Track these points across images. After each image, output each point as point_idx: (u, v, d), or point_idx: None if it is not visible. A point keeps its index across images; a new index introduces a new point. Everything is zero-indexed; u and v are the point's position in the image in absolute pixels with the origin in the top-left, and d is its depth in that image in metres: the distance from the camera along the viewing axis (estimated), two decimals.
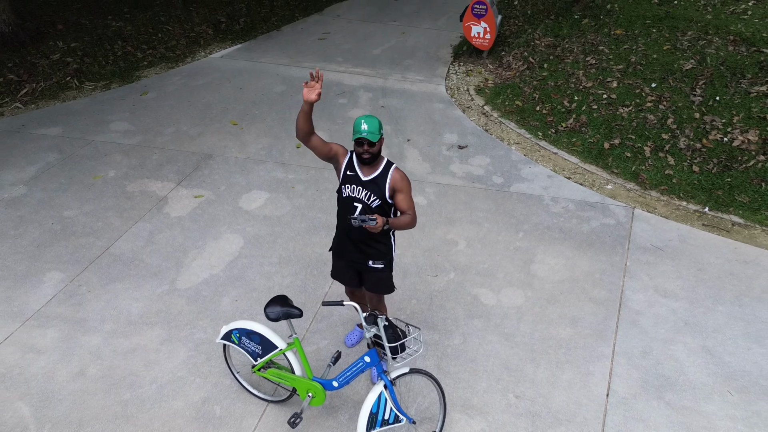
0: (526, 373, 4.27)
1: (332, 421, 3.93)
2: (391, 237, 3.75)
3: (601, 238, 5.68)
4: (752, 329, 4.65)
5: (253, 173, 6.78)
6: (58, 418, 3.98)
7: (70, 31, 10.90)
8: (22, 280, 5.19)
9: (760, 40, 8.89)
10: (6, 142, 7.47)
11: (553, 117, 8.00)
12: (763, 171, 6.54)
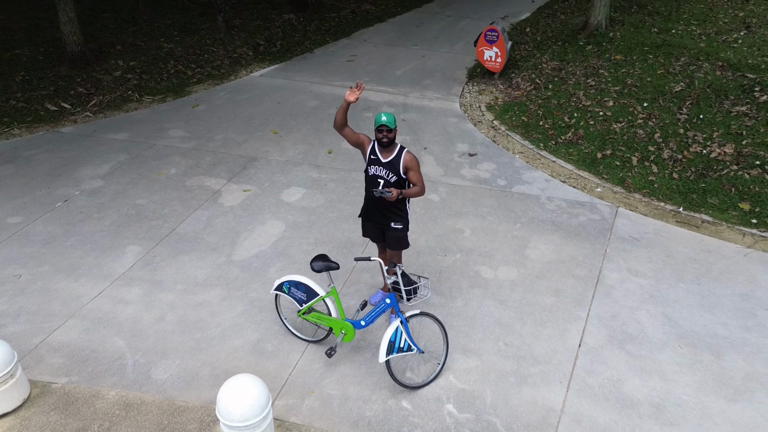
0: (515, 329, 5.34)
1: (359, 357, 5.05)
2: (407, 204, 4.90)
3: (586, 230, 6.75)
4: (706, 302, 5.66)
5: (292, 173, 8.01)
6: (147, 349, 5.17)
7: (128, 52, 12.41)
8: (108, 251, 6.44)
9: (745, 66, 9.96)
10: (82, 144, 8.84)
11: (554, 131, 9.12)
12: (734, 179, 7.56)
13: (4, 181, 7.83)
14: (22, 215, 7.08)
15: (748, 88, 9.29)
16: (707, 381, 4.80)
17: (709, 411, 4.54)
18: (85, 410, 4.56)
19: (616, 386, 4.75)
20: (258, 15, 14.92)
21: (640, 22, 12.78)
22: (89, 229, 6.82)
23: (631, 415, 4.51)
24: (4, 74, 11.11)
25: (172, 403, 4.62)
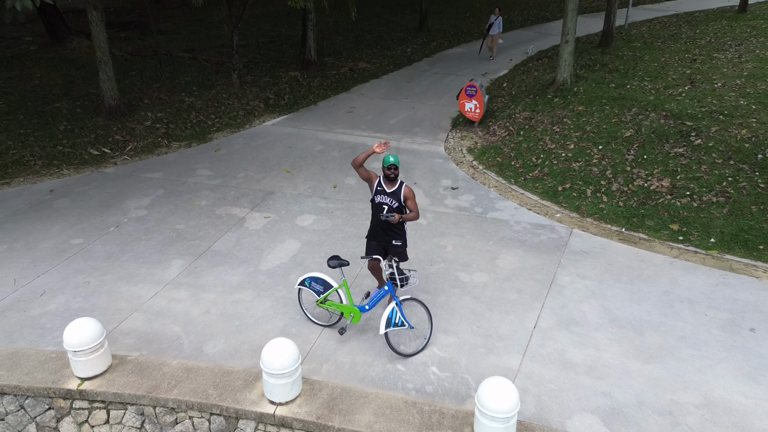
0: (485, 316, 6.90)
1: (364, 335, 6.57)
2: (405, 226, 6.52)
3: (546, 246, 8.40)
4: (635, 296, 7.26)
5: (304, 203, 9.68)
6: (197, 332, 6.67)
7: (154, 105, 14.29)
8: (157, 264, 8.00)
9: (685, 115, 11.91)
10: (124, 182, 10.52)
11: (524, 169, 10.91)
12: (668, 206, 9.30)
13: (63, 212, 9.45)
14: (83, 237, 8.67)
15: (685, 133, 11.19)
16: (629, 350, 6.35)
17: (629, 369, 6.07)
18: (156, 373, 6.04)
19: (560, 354, 6.29)
20: (267, 72, 16.98)
21: (601, 78, 14.89)
22: (140, 248, 8.40)
23: (569, 372, 6.03)
24: (48, 124, 12.90)
25: (221, 368, 6.11)
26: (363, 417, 5.49)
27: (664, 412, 5.56)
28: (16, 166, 11.17)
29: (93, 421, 6.01)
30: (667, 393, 5.77)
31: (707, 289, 7.36)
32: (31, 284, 7.60)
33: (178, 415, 5.86)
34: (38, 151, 11.69)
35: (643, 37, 19.37)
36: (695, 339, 6.51)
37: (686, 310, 7.00)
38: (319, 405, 5.63)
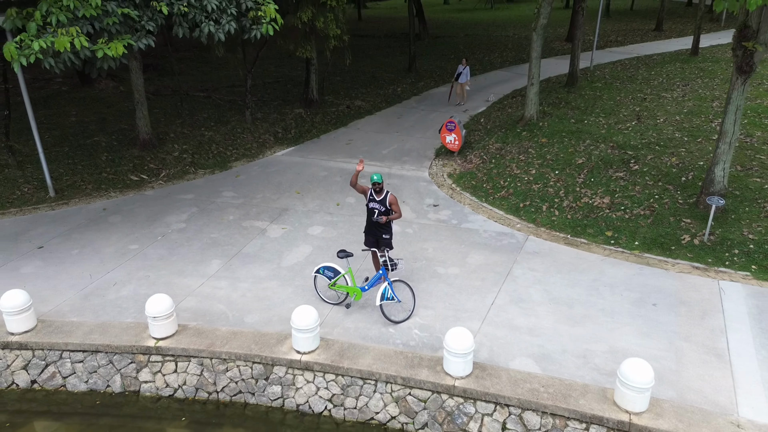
0: (455, 297, 9.17)
1: (364, 310, 8.82)
2: (391, 225, 8.86)
3: (506, 248, 10.73)
4: (571, 283, 9.56)
5: (313, 218, 12.00)
6: (238, 309, 8.89)
7: (179, 138, 16.69)
8: (200, 263, 10.25)
9: (628, 146, 14.44)
10: (163, 201, 12.82)
11: (493, 190, 13.32)
12: (606, 218, 11.68)
13: (117, 225, 11.71)
14: (137, 244, 10.93)
15: (626, 161, 13.69)
16: (561, 319, 8.62)
17: (558, 331, 8.33)
18: (211, 335, 8.25)
19: (509, 321, 8.56)
20: (275, 110, 19.50)
21: (564, 114, 17.50)
22: (184, 251, 10.66)
23: (515, 333, 8.29)
24: (91, 155, 15.25)
25: (259, 332, 8.33)
26: (364, 361, 7.71)
27: (580, 355, 7.82)
28: (70, 189, 13.46)
29: (165, 371, 8.17)
30: (584, 344, 8.04)
31: (626, 278, 9.69)
32: (104, 278, 9.83)
33: (228, 365, 8.05)
34: (87, 177, 14.01)
35: (605, 78, 22.15)
36: (611, 311, 8.81)
37: (607, 291, 9.31)
38: (332, 354, 7.85)
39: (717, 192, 11.15)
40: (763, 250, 10.17)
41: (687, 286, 9.42)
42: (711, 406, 6.94)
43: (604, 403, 6.96)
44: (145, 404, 8.13)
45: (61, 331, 8.42)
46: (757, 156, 13.56)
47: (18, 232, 11.51)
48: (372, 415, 7.67)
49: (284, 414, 7.89)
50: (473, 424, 7.30)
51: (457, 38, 33.54)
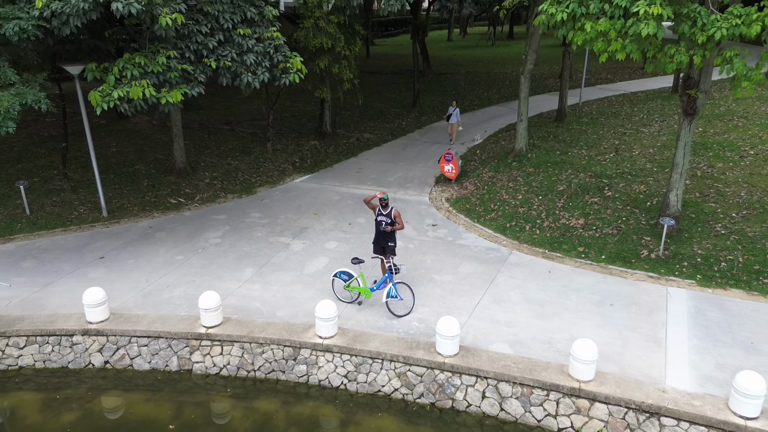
0: (448, 298, 11.20)
1: (373, 307, 10.86)
2: (395, 235, 10.96)
3: (493, 260, 12.77)
4: (544, 288, 11.56)
5: (329, 234, 14.12)
6: (270, 305, 10.96)
7: (208, 167, 18.97)
8: (236, 271, 12.35)
9: (604, 175, 16.57)
10: (199, 221, 15.00)
11: (484, 213, 15.42)
12: (579, 236, 13.73)
13: (163, 240, 13.88)
14: (182, 255, 13.07)
15: (601, 188, 15.80)
16: (533, 315, 10.62)
17: (530, 323, 10.33)
18: (249, 325, 10.30)
19: (491, 317, 10.56)
20: (292, 141, 21.82)
21: (551, 147, 19.70)
22: (222, 261, 12.78)
23: (495, 325, 10.29)
24: (134, 181, 17.52)
25: (288, 323, 10.37)
26: (373, 344, 9.72)
27: (546, 342, 9.80)
28: (119, 211, 15.68)
29: (213, 353, 10.21)
30: (550, 334, 10.02)
31: (591, 284, 11.70)
32: (157, 282, 11.94)
33: (264, 348, 10.07)
34: (132, 200, 16.24)
35: (591, 113, 24.43)
36: (575, 309, 10.80)
37: (574, 295, 11.31)
38: (347, 339, 9.87)
39: (671, 214, 13.21)
40: (707, 263, 12.17)
41: (640, 290, 11.42)
42: (644, 378, 8.89)
43: (561, 374, 8.92)
44: (196, 380, 10.14)
45: (129, 321, 10.50)
46: (715, 184, 15.64)
47: (81, 245, 13.69)
48: (379, 388, 9.64)
49: (308, 388, 9.88)
50: (459, 394, 9.26)
51: (458, 75, 36.12)
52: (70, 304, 11.12)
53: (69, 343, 10.42)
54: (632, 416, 8.47)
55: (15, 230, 14.50)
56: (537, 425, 8.91)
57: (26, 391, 10.01)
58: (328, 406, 9.50)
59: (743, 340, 9.76)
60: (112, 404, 9.71)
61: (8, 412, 9.56)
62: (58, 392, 9.92)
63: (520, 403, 8.99)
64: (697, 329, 10.12)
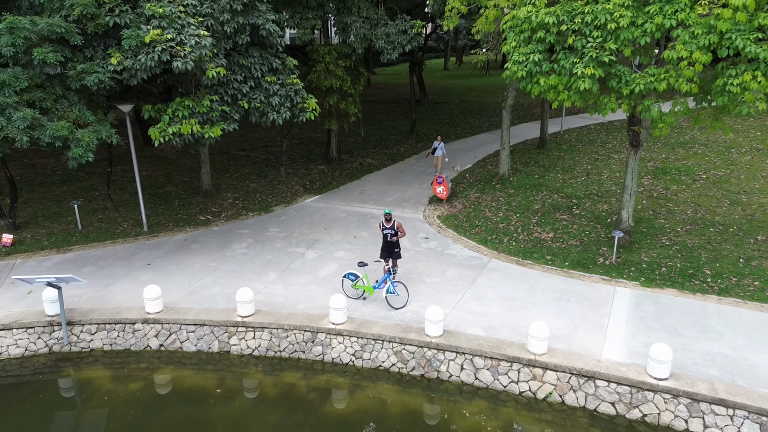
0: (436, 295, 13.84)
1: (375, 302, 13.50)
2: (399, 242, 13.65)
3: (474, 266, 15.44)
4: (515, 288, 14.22)
5: (337, 245, 16.81)
6: (292, 300, 13.61)
7: (229, 189, 21.74)
8: (261, 275, 15.02)
9: (574, 196, 19.32)
10: (227, 235, 17.70)
11: (470, 228, 18.13)
12: (549, 247, 16.41)
13: (197, 250, 16.56)
14: (215, 262, 15.74)
15: (570, 207, 18.53)
16: (505, 308, 13.25)
17: (502, 314, 12.96)
18: (275, 315, 12.93)
19: (470, 309, 13.19)
20: (302, 166, 24.63)
21: (531, 171, 22.49)
22: (249, 267, 15.45)
23: (473, 315, 12.92)
24: (167, 201, 20.26)
25: (307, 313, 13.01)
26: (375, 329, 12.34)
27: (512, 327, 12.42)
28: (157, 226, 18.39)
29: (247, 338, 12.81)
30: (516, 321, 12.65)
31: (554, 285, 14.34)
32: (197, 283, 14.59)
33: (288, 333, 12.68)
34: (167, 217, 18.96)
35: (570, 141, 27.30)
36: (538, 303, 13.43)
37: (539, 293, 13.95)
38: (355, 325, 12.50)
39: (623, 229, 15.91)
40: (651, 268, 14.84)
41: (593, 290, 14.06)
42: (586, 352, 11.50)
43: (522, 350, 11.53)
44: (233, 360, 12.73)
45: (179, 312, 13.13)
46: (667, 204, 18.39)
47: (129, 254, 16.37)
48: (380, 364, 12.23)
49: (323, 365, 12.46)
50: (443, 366, 11.85)
51: (452, 104, 39.17)
52: (129, 300, 13.76)
53: (131, 330, 13.04)
54: (575, 380, 11.06)
55: (71, 242, 17.19)
56: (503, 390, 11.49)
57: (97, 368, 12.60)
58: (340, 378, 12.08)
59: (668, 326, 12.39)
60: (167, 377, 12.29)
61: (85, 383, 12.13)
62: (123, 368, 12.51)
63: (490, 373, 11.57)
64: (634, 318, 12.74)
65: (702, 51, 10.58)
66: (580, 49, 11.60)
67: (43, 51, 12.36)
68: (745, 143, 24.38)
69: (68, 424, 10.98)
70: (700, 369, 10.95)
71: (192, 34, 12.69)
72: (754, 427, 9.94)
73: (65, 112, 13.02)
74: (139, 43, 12.52)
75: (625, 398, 10.72)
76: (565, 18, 11.50)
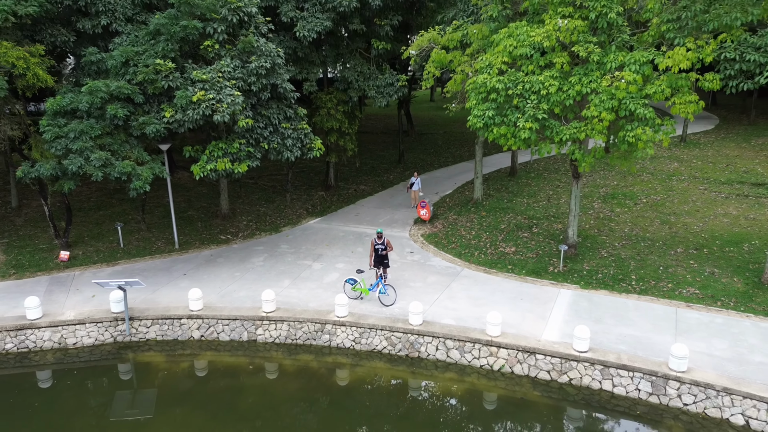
0: (418, 296, 17.65)
1: (370, 302, 17.30)
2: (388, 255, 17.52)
3: (450, 274, 19.29)
4: (481, 290, 18.06)
5: (338, 259, 20.63)
6: (303, 301, 17.37)
7: (243, 213, 25.56)
8: (276, 282, 18.79)
9: (534, 217, 23.34)
10: (245, 251, 21.47)
11: (447, 244, 22.02)
12: (512, 259, 20.34)
13: (223, 264, 20.31)
14: (239, 273, 19.49)
15: (531, 226, 22.52)
16: (472, 304, 17.08)
17: (469, 310, 16.78)
18: (292, 311, 16.67)
19: (444, 306, 17.01)
20: (304, 192, 28.53)
21: (502, 197, 26.54)
22: (267, 276, 19.21)
23: (446, 310, 16.73)
24: (190, 223, 24.02)
25: (317, 309, 16.78)
26: (370, 321, 16.13)
27: (476, 318, 16.24)
28: (185, 244, 22.12)
29: (269, 329, 16.51)
30: (479, 314, 16.46)
31: (511, 288, 18.20)
32: (226, 288, 18.32)
33: (302, 325, 16.41)
34: (193, 237, 22.71)
35: (538, 170, 31.46)
36: (498, 302, 17.27)
37: (499, 294, 17.80)
38: (355, 318, 16.27)
39: (569, 243, 19.87)
40: (590, 275, 18.75)
41: (542, 291, 17.94)
42: (530, 335, 15.32)
43: (482, 334, 15.34)
44: (259, 346, 16.39)
45: (215, 310, 16.83)
46: (610, 223, 22.44)
47: (167, 267, 20.07)
48: (375, 347, 15.95)
49: (330, 349, 16.16)
50: (423, 348, 15.61)
51: (437, 135, 43.43)
52: (174, 301, 17.44)
53: (178, 324, 16.69)
54: (521, 355, 14.87)
55: (116, 258, 20.86)
56: (468, 364, 15.25)
57: (153, 353, 16.21)
58: (343, 358, 15.78)
59: (596, 317, 16.26)
60: (208, 359, 15.92)
61: (144, 365, 15.74)
62: (173, 353, 16.13)
63: (458, 352, 15.34)
64: (570, 312, 16.61)
65: (607, 111, 14.69)
66: (522, 108, 15.67)
67: (114, 107, 16.25)
68: (686, 172, 28.66)
69: (130, 396, 14.59)
70: (613, 345, 14.80)
71: (228, 93, 16.64)
72: (648, 384, 13.77)
73: (128, 153, 16.86)
74: (188, 101, 16.44)
75: (557, 367, 14.53)
76: (510, 85, 15.59)
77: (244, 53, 17.39)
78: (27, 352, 16.15)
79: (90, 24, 18.31)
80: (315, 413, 13.68)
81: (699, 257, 19.34)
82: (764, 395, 12.65)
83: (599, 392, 14.08)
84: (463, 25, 19.27)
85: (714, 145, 34.25)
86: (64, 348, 16.29)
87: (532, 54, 15.53)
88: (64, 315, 16.59)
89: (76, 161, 15.94)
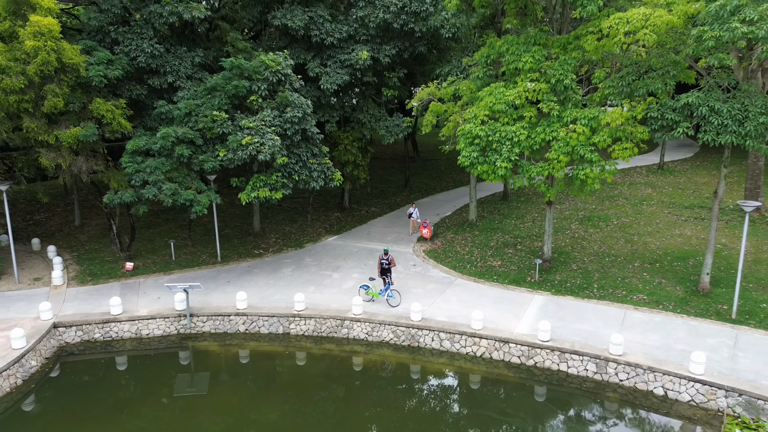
0: (419, 300, 22.07)
1: (380, 303, 21.73)
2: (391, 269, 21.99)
3: (445, 283, 23.70)
4: (470, 295, 22.44)
5: (353, 269, 25.11)
6: (327, 303, 21.86)
7: (271, 231, 30.16)
8: (305, 288, 23.29)
9: (519, 236, 27.78)
10: (276, 264, 26.02)
11: (445, 258, 26.45)
12: (498, 271, 24.72)
13: (259, 273, 24.86)
14: (273, 281, 24.02)
15: (515, 243, 26.94)
16: (462, 306, 21.46)
17: (460, 310, 21.15)
18: (318, 309, 21.15)
19: (440, 306, 21.40)
20: (322, 213, 33.12)
21: (493, 218, 30.98)
22: (296, 283, 23.72)
23: (440, 310, 21.11)
24: (228, 240, 28.63)
25: (338, 309, 21.22)
26: (380, 318, 20.57)
27: (464, 317, 20.61)
28: (226, 258, 26.71)
29: (301, 324, 20.96)
30: (467, 314, 20.83)
31: (495, 294, 22.56)
32: (264, 293, 22.84)
33: (326, 320, 20.85)
34: (231, 251, 27.30)
35: (528, 194, 35.91)
36: (483, 304, 21.62)
37: (484, 298, 22.17)
38: (368, 315, 20.72)
39: (544, 258, 24.23)
40: (561, 284, 23.08)
41: (520, 296, 22.29)
42: (506, 329, 19.67)
43: (468, 328, 19.70)
44: (291, 338, 20.82)
45: (257, 308, 21.31)
46: (582, 242, 26.80)
47: (213, 276, 24.62)
48: (384, 338, 20.33)
49: (348, 340, 20.55)
50: (422, 339, 19.98)
51: (440, 161, 48.04)
52: (224, 302, 21.94)
53: (228, 320, 21.18)
54: (497, 344, 19.19)
55: (170, 268, 25.45)
56: (457, 351, 19.59)
57: (208, 342, 20.68)
58: (358, 347, 20.17)
59: (560, 316, 20.55)
60: (251, 347, 20.37)
61: (202, 351, 20.21)
62: (224, 343, 20.59)
63: (449, 342, 19.69)
64: (540, 312, 20.92)
65: (564, 155, 19.19)
66: (499, 151, 20.21)
67: (181, 148, 20.96)
68: (656, 197, 33.02)
69: (189, 377, 19.05)
70: (570, 337, 19.10)
71: (269, 138, 21.30)
72: (593, 365, 18.04)
73: (190, 184, 21.53)
74: (238, 144, 21.11)
75: (525, 353, 18.84)
76: (490, 133, 20.15)
77: (281, 105, 22.09)
78: (111, 340, 20.68)
79: (158, 81, 23.13)
80: (336, 390, 18.05)
81: (652, 270, 23.63)
82: (678, 372, 16.89)
83: (557, 372, 18.35)
84: (455, 81, 23.94)
85: (687, 172, 38.58)
86: (139, 338, 20.80)
87: (507, 109, 20.11)
88: (138, 312, 21.13)
89: (151, 190, 20.61)
